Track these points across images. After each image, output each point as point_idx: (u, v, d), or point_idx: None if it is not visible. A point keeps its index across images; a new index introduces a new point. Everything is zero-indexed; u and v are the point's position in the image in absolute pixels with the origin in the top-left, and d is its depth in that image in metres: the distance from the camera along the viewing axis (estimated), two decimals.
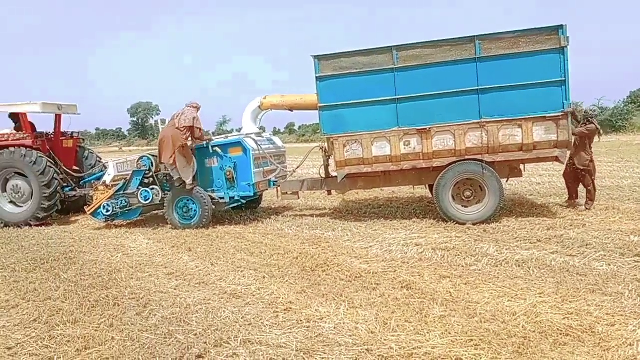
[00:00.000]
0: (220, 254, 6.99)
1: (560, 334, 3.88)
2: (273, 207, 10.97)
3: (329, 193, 9.60)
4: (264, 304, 4.97)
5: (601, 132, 8.47)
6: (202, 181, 9.14)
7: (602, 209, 8.14)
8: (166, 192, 9.20)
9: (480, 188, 7.95)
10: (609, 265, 5.45)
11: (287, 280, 5.63)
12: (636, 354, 3.51)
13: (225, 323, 4.53)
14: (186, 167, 8.85)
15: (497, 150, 7.73)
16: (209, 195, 8.94)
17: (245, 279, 5.82)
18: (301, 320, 4.50)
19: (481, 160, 7.77)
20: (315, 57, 8.13)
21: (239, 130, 9.74)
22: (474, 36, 7.60)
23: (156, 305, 5.07)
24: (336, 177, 8.59)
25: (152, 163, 9.23)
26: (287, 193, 9.38)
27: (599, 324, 4.02)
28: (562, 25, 7.32)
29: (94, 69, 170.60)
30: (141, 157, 9.44)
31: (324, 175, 9.19)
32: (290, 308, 4.81)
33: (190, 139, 8.82)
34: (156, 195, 9.18)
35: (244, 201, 9.29)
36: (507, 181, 8.50)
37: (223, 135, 10.11)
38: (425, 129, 7.86)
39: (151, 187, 9.26)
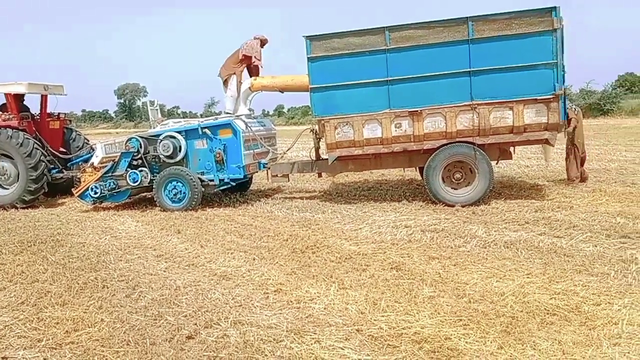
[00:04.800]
0: (210, 236, 6.98)
1: (547, 314, 3.93)
2: (263, 189, 10.95)
3: (320, 175, 9.58)
4: (254, 286, 4.98)
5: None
6: (191, 163, 9.09)
7: (589, 191, 8.22)
8: (155, 174, 9.13)
9: (471, 170, 7.97)
10: (595, 246, 5.51)
11: (277, 262, 5.64)
12: (621, 332, 3.56)
13: (216, 304, 4.54)
14: (232, 97, 9.58)
15: (488, 133, 7.73)
16: (198, 178, 8.89)
17: (235, 260, 5.82)
18: (291, 301, 4.52)
19: (472, 143, 7.78)
20: (307, 37, 8.04)
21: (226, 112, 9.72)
22: (467, 17, 7.55)
23: (145, 287, 5.06)
24: (326, 159, 8.57)
25: (140, 145, 9.14)
26: (277, 175, 9.35)
27: (585, 303, 4.08)
28: (555, 7, 7.29)
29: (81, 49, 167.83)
30: (130, 139, 9.34)
31: (314, 158, 9.16)
32: (281, 289, 4.82)
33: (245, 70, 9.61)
34: (145, 178, 9.11)
35: (233, 183, 9.26)
36: (497, 163, 8.54)
37: (212, 117, 10.03)
38: (417, 111, 7.83)
39: (140, 169, 9.18)
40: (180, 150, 9.00)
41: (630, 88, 37.33)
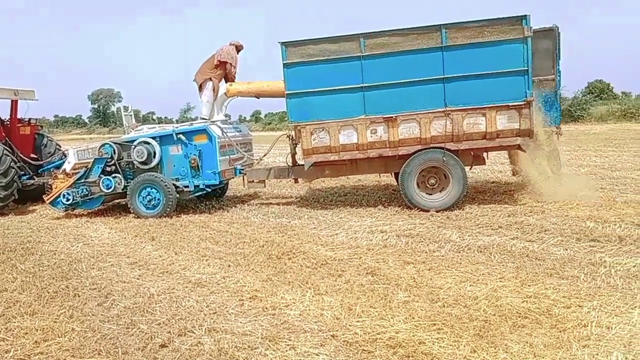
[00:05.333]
0: (185, 243, 6.91)
1: (519, 317, 3.99)
2: (239, 195, 10.89)
3: (296, 181, 9.57)
4: (229, 293, 4.94)
5: None
6: (166, 169, 9.00)
7: (560, 196, 8.36)
8: (129, 181, 9.01)
9: (445, 176, 8.07)
10: (566, 250, 5.62)
11: (252, 269, 5.61)
12: (590, 334, 3.64)
13: (190, 312, 4.49)
14: (208, 102, 9.53)
15: (461, 139, 7.84)
16: (173, 184, 8.81)
17: (210, 267, 5.77)
18: (267, 308, 4.49)
19: (446, 149, 7.88)
20: (283, 43, 8.05)
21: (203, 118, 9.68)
22: (440, 25, 7.65)
23: (118, 295, 4.98)
24: (303, 165, 8.58)
25: (114, 150, 9.00)
26: (253, 181, 9.32)
27: (555, 306, 4.15)
28: (525, 16, 7.43)
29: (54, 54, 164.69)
30: (103, 145, 9.20)
31: (290, 164, 9.16)
32: (256, 296, 4.79)
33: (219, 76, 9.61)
34: (118, 184, 8.97)
35: (209, 189, 9.20)
36: (470, 169, 8.65)
37: (187, 123, 9.95)
38: (392, 117, 7.90)
39: (113, 175, 9.04)
40: (154, 156, 8.90)
41: (599, 95, 38.23)
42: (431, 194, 8.14)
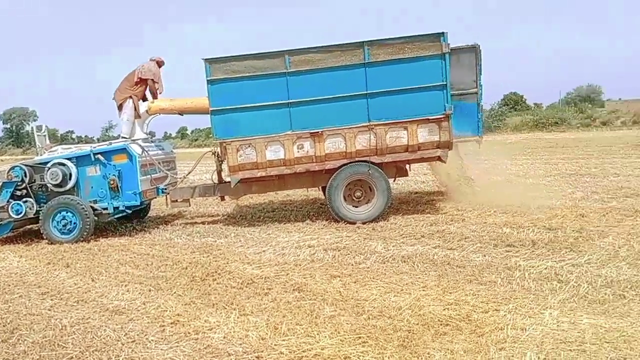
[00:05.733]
0: (102, 269, 6.55)
1: (441, 325, 4.07)
2: (162, 215, 10.53)
3: (222, 199, 9.40)
4: (149, 319, 4.71)
5: None
6: (83, 191, 8.54)
7: (478, 204, 8.73)
8: (42, 205, 8.47)
9: (370, 188, 8.20)
10: (484, 256, 5.84)
11: (175, 292, 5.39)
12: (506, 337, 3.77)
13: (106, 342, 4.24)
14: (128, 121, 9.23)
15: (385, 152, 8.01)
16: (91, 206, 8.37)
17: (130, 293, 5.49)
18: (189, 333, 4.33)
19: (371, 162, 8.02)
20: (206, 60, 7.94)
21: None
22: (363, 42, 7.83)
23: (26, 330, 4.62)
24: (229, 182, 8.43)
25: (25, 173, 8.44)
26: (177, 201, 9.04)
27: (474, 312, 4.28)
28: (443, 33, 7.75)
29: None
30: (12, 168, 8.61)
31: (216, 181, 8.98)
32: (178, 321, 4.61)
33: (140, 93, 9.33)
34: (30, 209, 8.40)
35: (129, 211, 8.81)
36: (394, 181, 8.85)
37: (106, 142, 9.53)
38: (318, 132, 7.96)
39: (24, 199, 8.46)
40: (70, 178, 8.43)
41: (514, 106, 40.63)
42: (357, 207, 8.24)
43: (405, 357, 3.59)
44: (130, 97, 9.26)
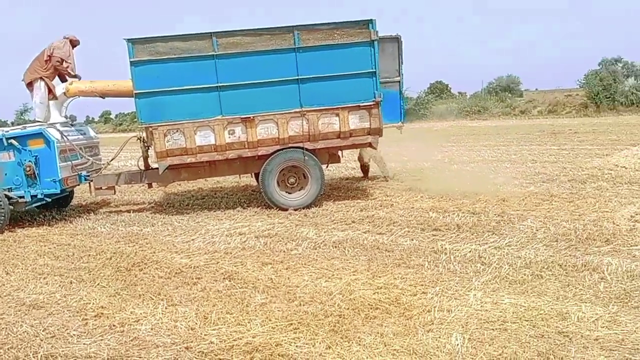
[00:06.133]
0: (18, 261, 6.16)
1: (371, 309, 4.15)
2: (84, 204, 10.01)
3: (150, 186, 9.06)
4: (70, 312, 4.49)
5: None
6: None
7: (406, 189, 8.97)
8: None
9: (304, 175, 8.20)
10: (412, 240, 6.01)
11: (98, 284, 5.16)
12: (433, 319, 3.90)
13: (23, 339, 3.99)
14: (42, 104, 8.70)
15: (317, 138, 8.01)
16: (5, 195, 7.82)
17: (49, 286, 5.20)
18: (114, 325, 4.16)
19: (303, 148, 8.00)
20: (129, 40, 7.55)
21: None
22: (293, 26, 7.73)
23: None
24: (157, 169, 8.14)
25: None
26: (101, 188, 8.62)
27: (403, 295, 4.40)
28: (372, 20, 7.78)
29: None
30: None
31: (143, 167, 8.64)
32: (102, 313, 4.41)
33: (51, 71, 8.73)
34: None
35: (49, 199, 8.31)
36: (327, 167, 8.90)
37: (20, 126, 8.90)
38: (250, 117, 7.82)
39: None
40: None
41: (439, 95, 41.89)
42: (291, 193, 8.23)
43: (336, 342, 3.63)
44: (41, 77, 8.67)
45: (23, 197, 7.99)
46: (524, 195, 7.96)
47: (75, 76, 8.92)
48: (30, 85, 8.71)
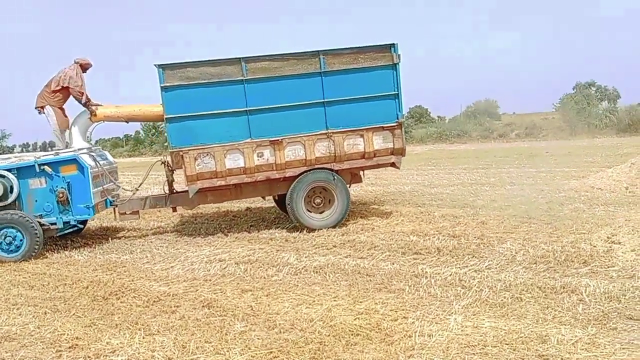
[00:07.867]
0: None
1: (352, 335, 4.12)
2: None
3: (174, 210, 9.07)
4: (44, 344, 4.36)
5: None
6: (25, 205, 7.77)
7: (387, 213, 9.00)
8: None
9: (330, 195, 8.29)
10: (393, 264, 6.01)
11: (74, 314, 5.04)
12: (414, 344, 3.88)
13: None
14: (55, 131, 8.60)
15: (343, 159, 8.14)
16: (37, 221, 7.63)
17: (22, 317, 5.06)
18: (89, 357, 4.06)
19: (330, 169, 8.12)
20: (159, 65, 7.61)
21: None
22: (319, 51, 7.93)
23: None
24: (181, 192, 8.24)
25: None
26: (126, 213, 8.53)
27: (384, 320, 4.37)
28: (394, 44, 8.02)
29: None
30: None
31: (167, 192, 8.60)
32: (77, 344, 4.30)
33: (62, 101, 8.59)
34: None
35: (81, 225, 8.35)
36: (349, 187, 8.93)
37: (53, 151, 8.67)
38: (278, 140, 7.90)
39: None
40: (11, 192, 7.63)
41: (419, 119, 42.46)
42: (319, 213, 8.29)
43: None
44: (50, 105, 8.54)
45: (55, 223, 7.83)
46: (502, 217, 8.04)
47: (92, 104, 8.74)
48: (42, 109, 8.61)
